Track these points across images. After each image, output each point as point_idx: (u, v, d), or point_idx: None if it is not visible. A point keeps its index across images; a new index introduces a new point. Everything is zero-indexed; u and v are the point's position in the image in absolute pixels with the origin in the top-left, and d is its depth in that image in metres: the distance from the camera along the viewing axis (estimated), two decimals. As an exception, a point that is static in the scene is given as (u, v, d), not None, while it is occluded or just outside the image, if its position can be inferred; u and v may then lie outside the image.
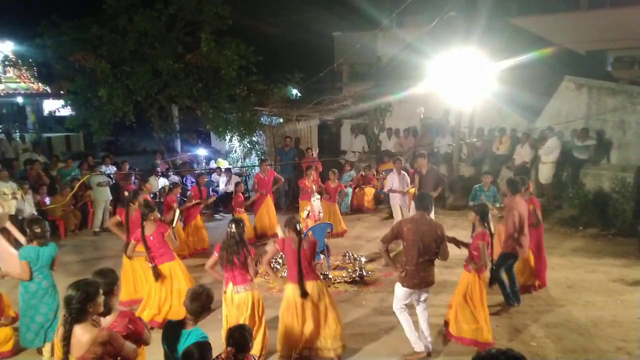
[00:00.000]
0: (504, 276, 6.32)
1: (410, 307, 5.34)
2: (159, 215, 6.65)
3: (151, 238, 6.01)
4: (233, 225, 5.14)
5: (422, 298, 5.28)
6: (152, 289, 6.13)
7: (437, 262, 5.24)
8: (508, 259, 6.31)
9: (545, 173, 11.01)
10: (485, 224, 5.46)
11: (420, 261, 5.04)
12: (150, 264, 6.00)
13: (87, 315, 3.14)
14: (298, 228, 5.11)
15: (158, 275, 6.00)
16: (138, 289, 6.67)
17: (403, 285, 5.19)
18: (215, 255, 5.18)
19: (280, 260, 7.94)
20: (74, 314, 3.11)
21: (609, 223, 9.82)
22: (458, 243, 5.54)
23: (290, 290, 5.10)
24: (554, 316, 6.20)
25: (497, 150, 12.31)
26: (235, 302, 5.07)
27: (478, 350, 2.35)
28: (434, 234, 5.06)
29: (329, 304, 5.17)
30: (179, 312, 5.86)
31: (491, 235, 5.47)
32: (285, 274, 5.79)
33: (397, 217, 9.28)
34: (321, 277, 5.31)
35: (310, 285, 5.06)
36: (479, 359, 2.27)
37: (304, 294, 4.99)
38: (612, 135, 11.34)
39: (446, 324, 5.74)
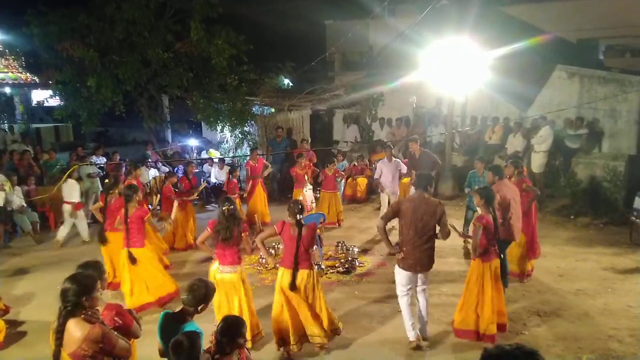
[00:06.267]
0: None
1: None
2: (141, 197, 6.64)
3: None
4: (226, 203, 5.14)
5: (420, 282, 5.23)
6: (131, 274, 6.10)
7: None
8: (499, 245, 6.28)
9: (537, 162, 11.00)
10: (491, 209, 5.32)
11: (417, 241, 5.00)
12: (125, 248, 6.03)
13: (82, 309, 3.07)
14: (298, 216, 5.01)
15: (134, 259, 6.00)
16: (117, 274, 6.65)
17: (400, 267, 5.17)
18: (208, 230, 5.19)
19: (274, 244, 7.93)
20: (69, 307, 3.05)
21: (601, 212, 9.87)
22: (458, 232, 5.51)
23: (281, 275, 5.02)
24: (546, 304, 6.23)
25: (490, 139, 12.30)
26: (217, 282, 5.03)
27: (485, 347, 2.20)
28: (432, 213, 4.99)
29: (319, 293, 5.11)
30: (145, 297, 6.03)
31: (495, 219, 5.28)
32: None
33: (384, 206, 9.26)
34: (315, 267, 5.25)
35: (303, 274, 4.98)
36: (490, 355, 2.06)
37: (293, 287, 4.91)
38: (604, 124, 11.36)
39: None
